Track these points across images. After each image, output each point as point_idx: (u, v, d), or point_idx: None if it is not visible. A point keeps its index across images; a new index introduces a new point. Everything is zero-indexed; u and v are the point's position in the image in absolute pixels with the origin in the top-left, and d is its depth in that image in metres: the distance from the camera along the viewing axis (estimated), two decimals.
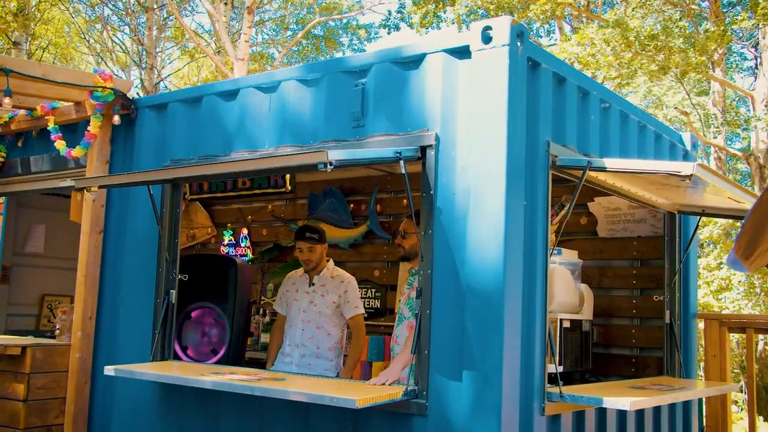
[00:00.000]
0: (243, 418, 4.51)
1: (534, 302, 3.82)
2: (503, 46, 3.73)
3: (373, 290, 6.93)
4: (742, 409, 11.22)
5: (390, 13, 29.38)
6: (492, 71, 3.75)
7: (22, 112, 5.92)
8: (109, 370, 4.57)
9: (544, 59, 4.03)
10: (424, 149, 3.94)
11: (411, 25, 20.61)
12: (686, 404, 5.57)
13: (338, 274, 5.46)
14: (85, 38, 23.59)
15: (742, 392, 10.75)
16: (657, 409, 5.15)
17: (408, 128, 4.05)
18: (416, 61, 4.10)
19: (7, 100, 4.88)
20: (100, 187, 5.03)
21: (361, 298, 6.78)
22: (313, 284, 5.38)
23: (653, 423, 5.10)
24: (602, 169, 3.96)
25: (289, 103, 4.61)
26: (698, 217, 5.47)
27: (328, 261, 5.49)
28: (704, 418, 5.94)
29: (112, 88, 5.29)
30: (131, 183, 4.75)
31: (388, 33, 24.36)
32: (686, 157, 5.77)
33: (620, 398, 3.81)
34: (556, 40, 19.57)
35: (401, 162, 3.81)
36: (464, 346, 3.67)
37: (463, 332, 3.69)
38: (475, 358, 3.62)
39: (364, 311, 5.55)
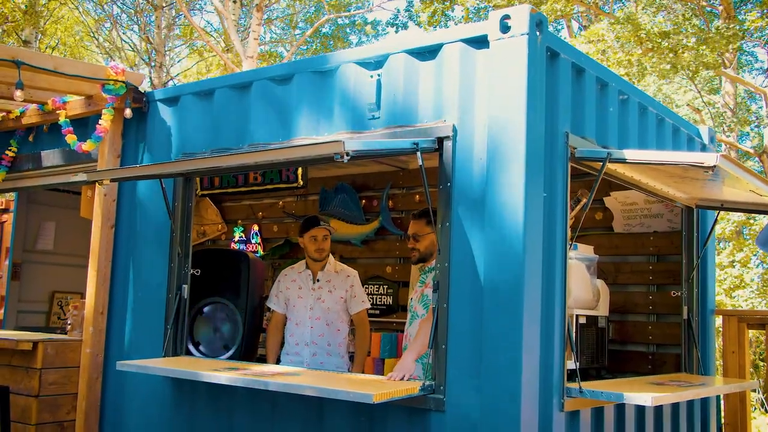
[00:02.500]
0: (256, 413, 4.46)
1: (553, 296, 3.76)
2: (522, 35, 3.67)
3: (385, 287, 6.87)
4: (755, 409, 11.11)
5: (398, 11, 29.41)
6: (510, 61, 3.69)
7: (33, 106, 5.89)
8: (121, 365, 4.53)
9: (563, 49, 3.97)
10: (441, 140, 3.88)
11: (419, 24, 20.60)
12: (704, 401, 5.50)
13: (342, 269, 5.40)
14: (94, 37, 23.63)
15: (755, 392, 10.65)
16: (675, 406, 5.08)
17: (425, 119, 3.99)
18: (433, 51, 4.04)
19: (18, 92, 4.84)
20: (112, 180, 4.99)
21: (373, 294, 6.78)
22: (318, 280, 5.30)
23: (672, 420, 5.03)
24: (622, 161, 3.90)
25: (304, 95, 4.56)
26: (716, 211, 5.40)
27: (329, 256, 5.42)
28: (723, 416, 5.86)
29: (123, 81, 5.25)
30: (144, 176, 4.72)
31: (396, 32, 24.31)
32: (704, 150, 5.70)
33: (641, 394, 3.75)
34: (564, 38, 19.50)
35: (418, 153, 3.75)
36: (482, 340, 3.61)
37: (481, 326, 3.63)
38: (494, 353, 3.57)
39: (369, 305, 5.50)
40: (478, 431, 3.56)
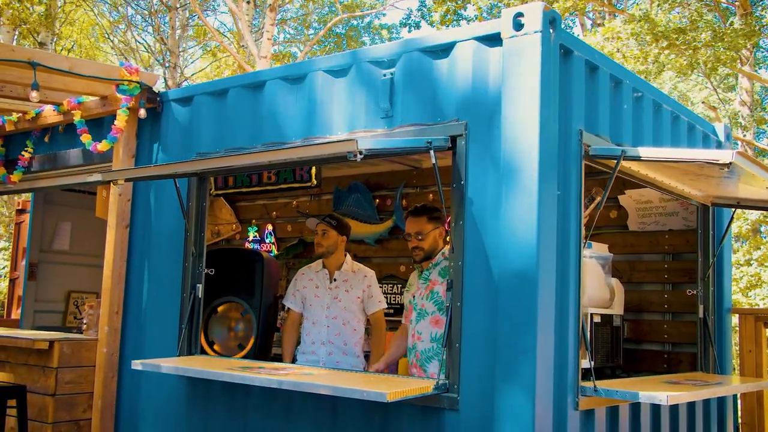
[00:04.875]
0: (270, 412, 4.47)
1: (567, 295, 3.75)
2: (535, 32, 3.65)
3: (399, 286, 6.87)
4: None
5: (411, 11, 29.39)
6: (524, 59, 3.67)
7: (49, 107, 5.92)
8: (136, 364, 4.55)
9: (577, 47, 3.95)
10: (454, 139, 3.87)
11: (431, 23, 20.59)
12: (721, 400, 5.46)
13: (359, 269, 5.40)
14: (109, 38, 23.77)
15: None
16: (691, 405, 5.05)
17: (438, 118, 3.99)
18: (446, 49, 4.03)
19: (34, 93, 4.87)
20: (127, 180, 5.02)
21: (387, 293, 6.78)
22: (335, 280, 5.31)
23: (687, 419, 4.99)
24: (637, 159, 3.87)
25: (317, 94, 4.56)
26: (732, 209, 5.35)
27: (346, 255, 5.42)
28: (739, 415, 5.82)
29: (138, 82, 5.27)
30: (158, 176, 4.73)
31: (409, 31, 24.29)
32: (720, 147, 5.65)
33: (656, 393, 3.72)
34: (578, 36, 19.42)
35: (431, 152, 3.74)
36: (496, 339, 3.60)
37: (495, 325, 3.62)
38: (508, 351, 3.55)
39: (386, 305, 5.49)
40: (492, 430, 3.55)
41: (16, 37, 17.06)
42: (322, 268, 5.37)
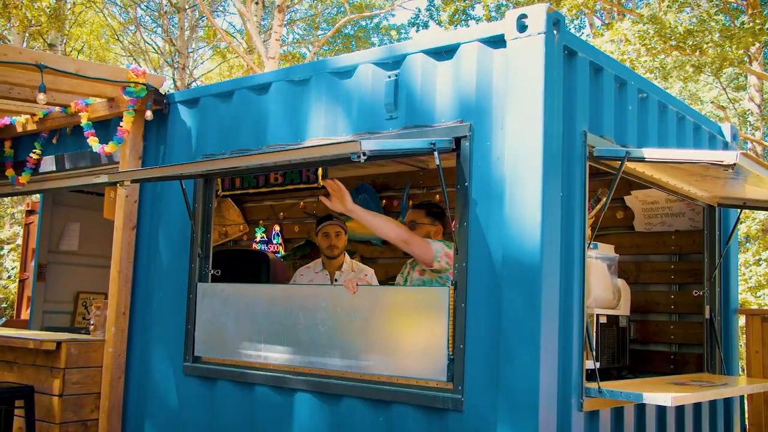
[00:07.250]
0: (276, 412, 4.48)
1: (571, 296, 3.75)
2: (539, 34, 3.66)
3: None
4: None
5: (419, 10, 29.36)
6: (527, 60, 3.67)
7: (57, 109, 5.95)
8: None
9: (581, 48, 3.95)
10: (458, 140, 3.88)
11: (440, 23, 20.58)
12: (728, 401, 5.44)
13: (359, 268, 5.42)
14: (119, 39, 23.88)
15: None
16: (697, 406, 5.04)
17: (442, 119, 3.99)
18: (450, 51, 4.04)
19: (41, 95, 4.90)
20: (133, 181, 5.04)
21: None
22: (336, 280, 5.31)
23: (693, 420, 4.98)
24: (641, 160, 3.87)
25: (322, 96, 4.57)
26: (739, 209, 5.34)
27: (344, 254, 5.42)
28: (746, 416, 5.79)
29: (144, 84, 5.29)
30: (164, 177, 4.75)
31: (417, 31, 24.28)
32: (726, 148, 5.64)
33: (660, 394, 3.71)
34: (587, 35, 19.38)
35: (435, 153, 3.75)
36: (501, 340, 3.61)
37: (499, 326, 3.63)
38: (512, 352, 3.56)
39: None
40: (496, 431, 3.56)
41: (26, 38, 17.16)
42: (322, 269, 5.37)
